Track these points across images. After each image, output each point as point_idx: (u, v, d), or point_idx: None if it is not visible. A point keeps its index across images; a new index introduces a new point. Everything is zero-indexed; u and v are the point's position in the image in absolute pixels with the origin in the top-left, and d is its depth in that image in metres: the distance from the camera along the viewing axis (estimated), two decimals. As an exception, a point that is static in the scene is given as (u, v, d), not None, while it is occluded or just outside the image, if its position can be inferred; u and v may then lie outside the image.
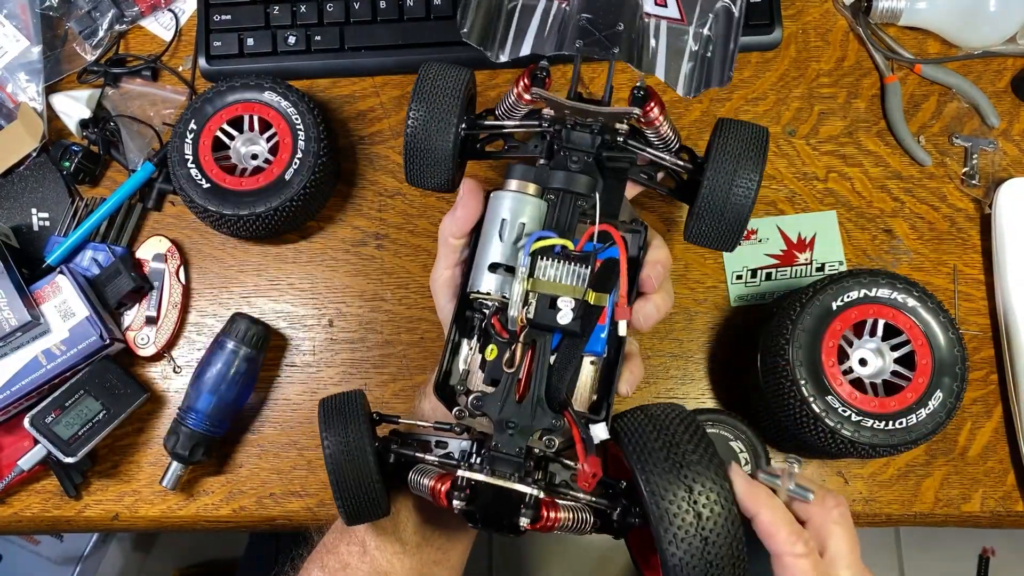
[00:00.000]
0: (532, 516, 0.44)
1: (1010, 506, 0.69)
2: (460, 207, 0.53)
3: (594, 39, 0.52)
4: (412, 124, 0.54)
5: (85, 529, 0.73)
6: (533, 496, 0.45)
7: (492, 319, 0.49)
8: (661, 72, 0.53)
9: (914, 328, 0.61)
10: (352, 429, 0.48)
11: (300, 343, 0.74)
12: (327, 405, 0.51)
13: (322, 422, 0.49)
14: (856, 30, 0.77)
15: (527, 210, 0.50)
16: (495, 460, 0.46)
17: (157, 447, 0.71)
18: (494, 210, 0.51)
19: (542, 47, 0.54)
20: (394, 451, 0.51)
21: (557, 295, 0.47)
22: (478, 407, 0.47)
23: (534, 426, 0.47)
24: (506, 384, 0.47)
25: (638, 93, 0.52)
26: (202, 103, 0.71)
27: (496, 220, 0.51)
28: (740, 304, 0.73)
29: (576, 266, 0.48)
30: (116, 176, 0.76)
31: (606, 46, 0.51)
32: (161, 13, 0.80)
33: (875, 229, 0.74)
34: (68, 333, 0.68)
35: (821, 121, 0.76)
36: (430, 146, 0.54)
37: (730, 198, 0.51)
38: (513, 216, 0.50)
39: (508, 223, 0.50)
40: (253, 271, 0.75)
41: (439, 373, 0.51)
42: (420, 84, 0.55)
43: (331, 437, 0.48)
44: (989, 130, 0.76)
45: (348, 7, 0.76)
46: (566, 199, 0.51)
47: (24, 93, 0.75)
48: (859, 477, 0.70)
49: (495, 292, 0.49)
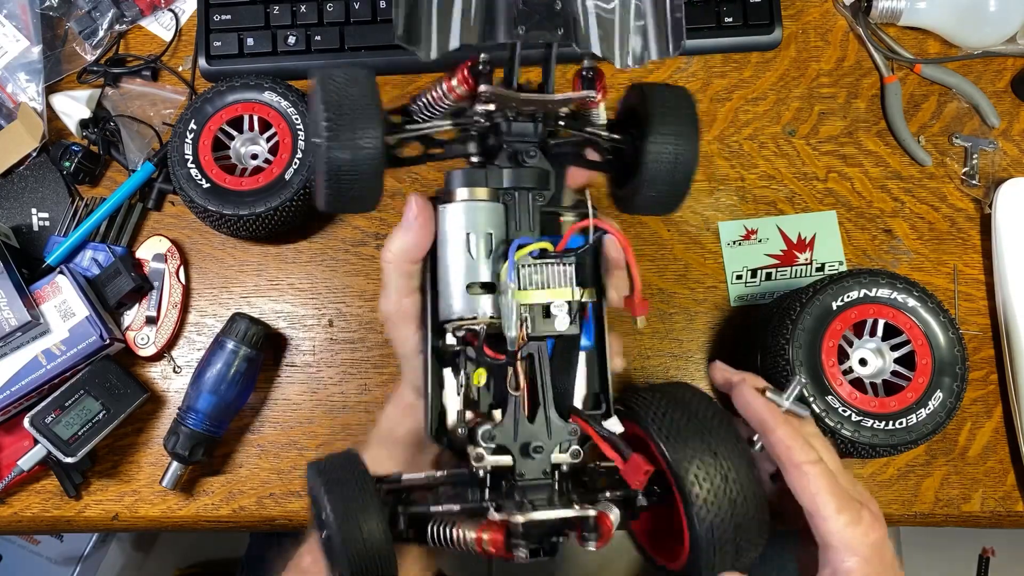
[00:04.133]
0: (597, 536, 0.42)
1: (1010, 506, 0.69)
2: (415, 228, 0.47)
3: (535, 22, 0.45)
4: (328, 143, 0.43)
5: (85, 529, 0.73)
6: (593, 518, 0.42)
7: (484, 345, 0.45)
8: (596, 46, 0.48)
9: (914, 328, 0.61)
10: (362, 515, 0.41)
11: (300, 343, 0.74)
12: (322, 479, 0.43)
13: (323, 503, 0.42)
14: (856, 30, 0.77)
15: (488, 218, 0.46)
16: (526, 490, 0.43)
17: (157, 447, 0.71)
18: (452, 225, 0.46)
19: (471, 37, 0.47)
20: (404, 514, 0.45)
21: (550, 301, 0.45)
22: (490, 439, 0.44)
23: (554, 441, 0.45)
24: (515, 407, 0.45)
25: (588, 74, 0.49)
26: (202, 103, 0.71)
27: (458, 236, 0.46)
28: (740, 304, 0.73)
29: (559, 266, 0.45)
30: (116, 176, 0.76)
31: (551, 29, 0.45)
32: (161, 13, 0.80)
33: (875, 229, 0.74)
34: (68, 333, 0.68)
35: (821, 121, 0.76)
36: (355, 165, 0.44)
37: (678, 160, 0.48)
38: (476, 228, 0.46)
39: (474, 237, 0.45)
40: (253, 271, 0.75)
41: (432, 417, 0.47)
42: (325, 94, 0.44)
43: (338, 526, 0.41)
44: (989, 130, 0.76)
45: (348, 7, 0.76)
46: (522, 196, 0.47)
47: (24, 93, 0.75)
48: (859, 477, 0.70)
49: (480, 314, 0.45)
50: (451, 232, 0.46)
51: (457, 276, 0.46)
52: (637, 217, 0.74)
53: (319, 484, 0.43)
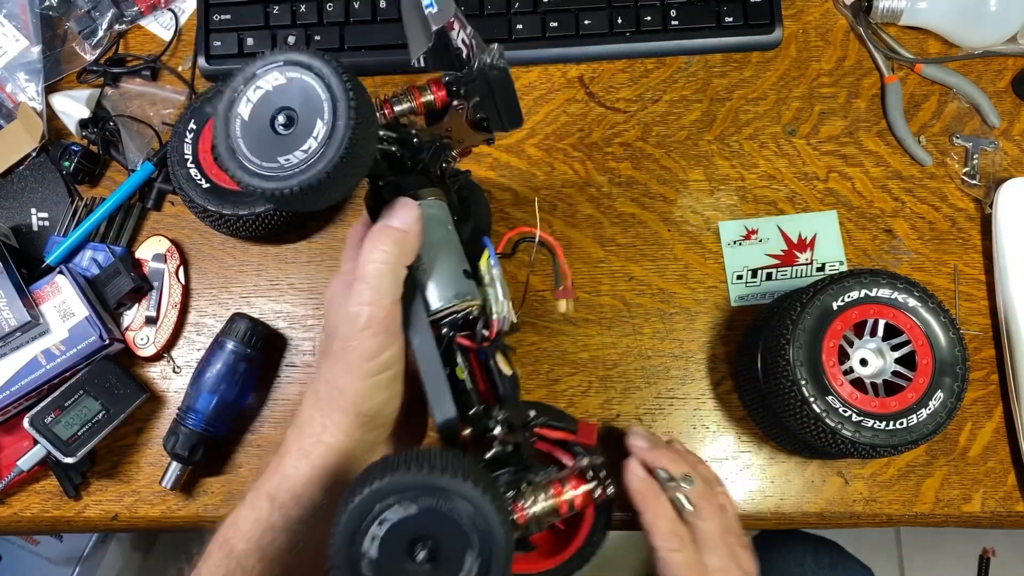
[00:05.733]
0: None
1: (1010, 506, 0.69)
2: (416, 231, 0.46)
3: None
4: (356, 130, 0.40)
5: (85, 529, 0.73)
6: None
7: (484, 329, 0.48)
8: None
9: (915, 328, 0.61)
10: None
11: (300, 343, 0.73)
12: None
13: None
14: (856, 30, 0.77)
15: (447, 211, 0.50)
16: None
17: (157, 447, 0.71)
18: (435, 220, 0.49)
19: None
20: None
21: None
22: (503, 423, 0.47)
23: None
24: (515, 385, 0.47)
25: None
26: (202, 103, 0.71)
27: (444, 227, 0.49)
28: (740, 304, 0.73)
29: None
30: (116, 176, 0.76)
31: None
32: (161, 13, 0.80)
33: (876, 229, 0.74)
34: (67, 333, 0.68)
35: (822, 121, 0.76)
36: (363, 157, 0.43)
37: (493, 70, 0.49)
38: (449, 220, 0.49)
39: (452, 227, 0.49)
40: (253, 271, 0.75)
41: (455, 414, 0.46)
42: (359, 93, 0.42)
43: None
44: (990, 130, 0.76)
45: (348, 7, 0.76)
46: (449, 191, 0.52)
47: (24, 93, 0.75)
48: (860, 477, 0.69)
49: (471, 297, 0.47)
50: (437, 224, 0.48)
51: (450, 264, 0.48)
52: (637, 217, 0.74)
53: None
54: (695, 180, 0.75)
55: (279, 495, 0.47)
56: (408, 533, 0.36)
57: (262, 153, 0.40)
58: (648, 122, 0.76)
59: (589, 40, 0.76)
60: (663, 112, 0.77)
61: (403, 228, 0.46)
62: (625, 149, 0.76)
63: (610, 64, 0.78)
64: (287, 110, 0.40)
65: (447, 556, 0.36)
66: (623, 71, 0.78)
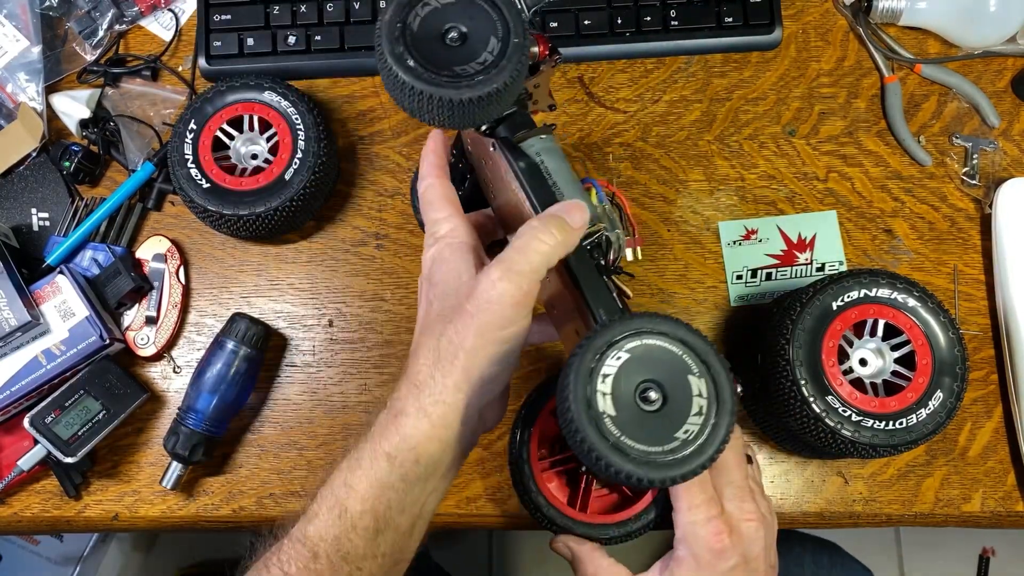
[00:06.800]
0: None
1: (1010, 506, 0.69)
2: (578, 233, 0.49)
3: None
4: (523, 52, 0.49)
5: (85, 529, 0.73)
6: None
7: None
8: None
9: (914, 328, 0.61)
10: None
11: (300, 343, 0.73)
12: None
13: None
14: (856, 30, 0.77)
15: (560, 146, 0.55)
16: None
17: (157, 447, 0.71)
18: (555, 151, 0.53)
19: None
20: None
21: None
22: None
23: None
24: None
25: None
26: (202, 103, 0.71)
27: (562, 159, 0.53)
28: (740, 304, 0.73)
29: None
30: (116, 176, 0.76)
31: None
32: (161, 13, 0.80)
33: (875, 229, 0.74)
34: (68, 333, 0.68)
35: (821, 121, 0.76)
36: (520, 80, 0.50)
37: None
38: (563, 154, 0.54)
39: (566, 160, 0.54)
40: (253, 271, 0.75)
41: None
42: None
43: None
44: (989, 130, 0.76)
45: (348, 7, 0.76)
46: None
47: (24, 93, 0.75)
48: (859, 477, 0.70)
49: (598, 222, 0.51)
50: (556, 157, 0.53)
51: (578, 191, 0.52)
52: (637, 217, 0.74)
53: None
54: (695, 180, 0.75)
55: (399, 455, 0.47)
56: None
57: (438, 64, 0.46)
58: (648, 122, 0.76)
59: (589, 40, 0.76)
60: (663, 112, 0.77)
61: (575, 226, 0.48)
62: (625, 149, 0.76)
63: (610, 64, 0.78)
64: (458, 29, 0.47)
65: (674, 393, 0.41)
66: (623, 71, 0.78)
